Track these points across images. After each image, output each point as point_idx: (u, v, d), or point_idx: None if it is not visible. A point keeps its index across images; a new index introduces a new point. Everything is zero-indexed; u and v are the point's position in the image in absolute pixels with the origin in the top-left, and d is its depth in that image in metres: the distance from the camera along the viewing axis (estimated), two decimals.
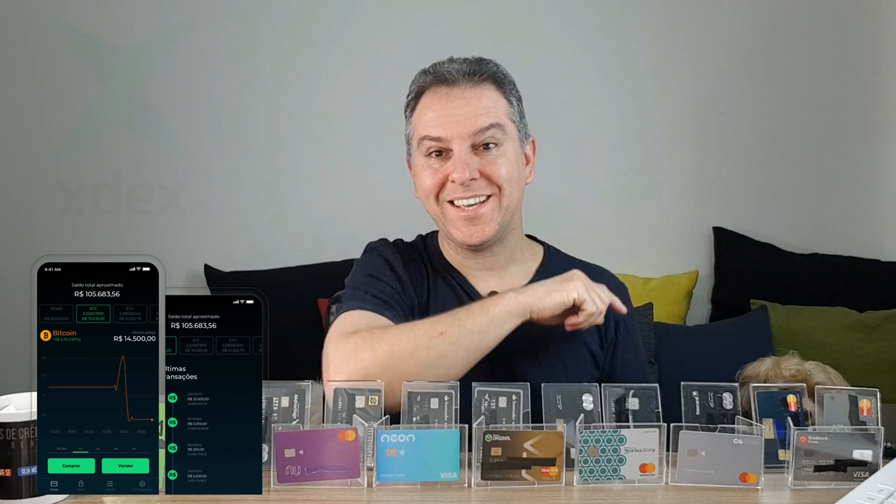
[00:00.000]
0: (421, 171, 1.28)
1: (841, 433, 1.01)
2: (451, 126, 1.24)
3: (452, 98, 1.25)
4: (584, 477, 1.00)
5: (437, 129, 1.24)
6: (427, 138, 1.25)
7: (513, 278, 1.33)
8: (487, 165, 1.25)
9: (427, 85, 1.28)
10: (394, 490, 0.98)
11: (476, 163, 1.24)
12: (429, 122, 1.25)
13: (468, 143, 1.24)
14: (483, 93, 1.26)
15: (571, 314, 1.19)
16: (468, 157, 1.24)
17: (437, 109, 1.25)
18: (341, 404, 1.05)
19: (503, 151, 1.26)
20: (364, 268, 1.32)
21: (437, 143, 1.25)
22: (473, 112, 1.24)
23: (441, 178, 1.26)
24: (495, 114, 1.25)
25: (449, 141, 1.24)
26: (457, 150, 1.24)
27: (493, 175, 1.25)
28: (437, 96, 1.26)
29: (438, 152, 1.26)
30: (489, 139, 1.25)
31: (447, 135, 1.24)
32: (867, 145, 2.92)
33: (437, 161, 1.26)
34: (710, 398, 1.07)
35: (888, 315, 2.60)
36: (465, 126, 1.23)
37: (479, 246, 1.28)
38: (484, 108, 1.25)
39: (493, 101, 1.26)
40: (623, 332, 1.35)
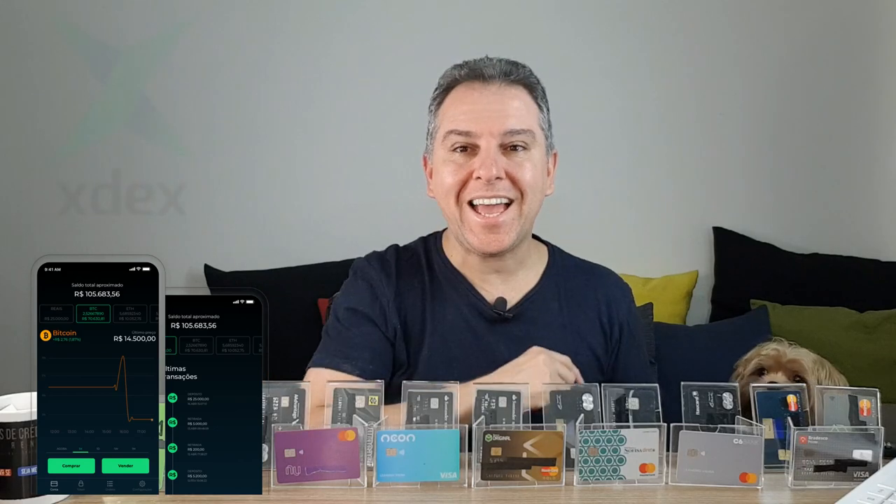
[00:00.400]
0: (442, 168, 1.26)
1: (841, 433, 1.01)
2: (482, 122, 1.22)
3: (486, 94, 1.23)
4: (584, 477, 1.00)
5: (468, 123, 1.22)
6: (455, 132, 1.23)
7: (520, 282, 1.33)
8: (514, 167, 1.23)
9: (460, 79, 1.26)
10: (394, 490, 0.98)
11: (503, 162, 1.22)
12: (458, 115, 1.23)
13: (497, 142, 1.22)
14: (517, 94, 1.25)
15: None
16: (496, 154, 1.22)
17: (469, 104, 1.23)
18: (341, 404, 1.05)
19: (530, 156, 1.24)
20: (345, 298, 1.32)
21: (465, 139, 1.23)
22: (506, 111, 1.23)
23: (464, 175, 1.23)
24: (527, 118, 1.24)
25: (478, 136, 1.22)
26: (484, 147, 1.22)
27: (519, 178, 1.23)
28: (470, 90, 1.24)
29: (464, 148, 1.24)
30: (518, 142, 1.23)
31: (477, 129, 1.22)
32: (867, 145, 2.92)
33: (462, 157, 1.24)
34: (710, 398, 1.07)
35: (888, 315, 2.60)
36: (496, 123, 1.21)
37: (495, 254, 1.27)
38: (516, 109, 1.24)
39: (526, 105, 1.25)
40: (627, 335, 1.35)
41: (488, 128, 1.21)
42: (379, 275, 1.31)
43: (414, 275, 1.32)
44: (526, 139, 1.23)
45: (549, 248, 1.39)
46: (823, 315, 2.63)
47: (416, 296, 1.30)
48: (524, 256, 1.33)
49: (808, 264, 2.82)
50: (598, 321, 1.33)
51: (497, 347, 1.27)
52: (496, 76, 1.24)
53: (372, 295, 1.29)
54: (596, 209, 2.89)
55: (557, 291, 1.33)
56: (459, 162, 1.24)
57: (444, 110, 1.26)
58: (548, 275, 1.34)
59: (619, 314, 1.35)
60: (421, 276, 1.32)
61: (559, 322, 1.31)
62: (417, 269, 1.33)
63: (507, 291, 1.31)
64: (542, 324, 1.30)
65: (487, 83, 1.24)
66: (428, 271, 1.33)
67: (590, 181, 2.88)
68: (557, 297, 1.33)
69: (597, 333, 1.33)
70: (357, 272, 1.33)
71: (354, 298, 1.30)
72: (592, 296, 1.34)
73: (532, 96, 1.26)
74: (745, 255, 2.86)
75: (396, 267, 1.32)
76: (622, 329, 1.34)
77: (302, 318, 2.50)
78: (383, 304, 1.29)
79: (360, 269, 1.33)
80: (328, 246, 2.76)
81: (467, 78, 1.25)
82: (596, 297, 1.35)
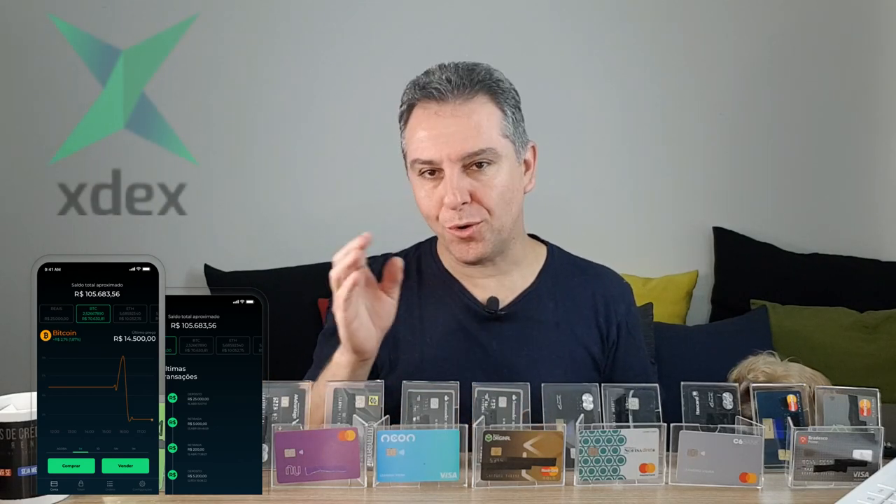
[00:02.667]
0: (417, 191, 1.26)
1: (841, 433, 1.01)
2: (440, 147, 1.19)
3: (442, 117, 1.20)
4: (584, 477, 1.00)
5: (427, 151, 1.20)
6: (418, 161, 1.22)
7: (516, 281, 1.33)
8: (479, 189, 1.21)
9: (416, 100, 1.23)
10: (394, 490, 0.98)
11: (468, 184, 1.20)
12: (419, 143, 1.22)
13: (459, 166, 1.20)
14: (474, 108, 1.20)
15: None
16: (459, 179, 1.20)
17: (426, 129, 1.21)
18: (341, 404, 1.05)
19: (498, 170, 1.22)
20: (328, 315, 1.31)
21: (429, 166, 1.22)
22: (464, 133, 1.19)
23: (437, 201, 1.23)
24: (488, 133, 1.20)
25: (440, 162, 1.20)
26: (448, 173, 1.20)
27: (484, 199, 1.21)
28: (426, 114, 1.21)
29: (431, 172, 1.23)
30: (482, 159, 1.21)
31: (437, 157, 1.20)
32: (867, 145, 2.92)
33: (431, 181, 1.23)
34: (710, 398, 1.08)
35: (888, 315, 2.60)
36: (454, 148, 1.19)
37: (475, 262, 1.28)
38: (475, 126, 1.20)
39: (486, 116, 1.21)
40: (625, 335, 1.35)
41: (447, 153, 1.19)
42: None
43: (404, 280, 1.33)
44: (489, 156, 1.21)
45: (549, 247, 1.39)
46: (823, 315, 2.63)
47: (407, 300, 1.30)
48: (518, 257, 1.33)
49: (808, 264, 2.81)
50: (595, 320, 1.33)
51: (489, 346, 1.27)
52: (448, 94, 1.20)
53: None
54: (596, 209, 2.89)
55: (554, 290, 1.33)
56: (429, 187, 1.24)
57: (408, 134, 1.25)
58: (544, 274, 1.34)
59: (617, 314, 1.35)
60: (411, 280, 1.33)
61: (553, 321, 1.31)
62: (408, 275, 1.33)
63: (502, 291, 1.31)
64: (537, 323, 1.30)
65: (442, 103, 1.20)
66: (419, 276, 1.34)
67: (590, 181, 2.88)
68: (553, 296, 1.33)
69: (593, 333, 1.32)
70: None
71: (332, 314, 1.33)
72: (589, 295, 1.34)
73: (494, 101, 1.22)
74: (745, 255, 2.86)
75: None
76: (620, 329, 1.34)
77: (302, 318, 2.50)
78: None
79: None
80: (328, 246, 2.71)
81: (423, 98, 1.22)
82: (593, 297, 1.34)
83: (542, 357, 1.27)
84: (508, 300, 1.31)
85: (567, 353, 1.29)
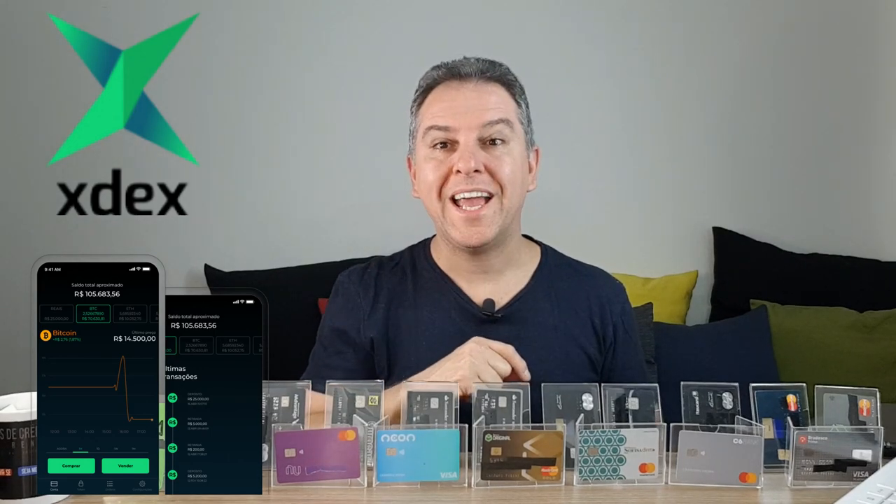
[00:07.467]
0: (424, 165, 1.28)
1: (841, 433, 1.01)
2: (459, 117, 1.24)
3: (464, 91, 1.26)
4: (584, 477, 1.00)
5: (446, 118, 1.25)
6: (434, 128, 1.26)
7: (509, 282, 1.33)
8: (493, 161, 1.25)
9: (439, 79, 1.29)
10: (394, 490, 0.98)
11: (482, 156, 1.24)
12: (437, 112, 1.26)
13: (475, 135, 1.24)
14: (494, 90, 1.27)
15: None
16: (474, 148, 1.24)
17: (447, 101, 1.26)
18: (341, 404, 1.05)
19: (509, 150, 1.26)
20: (329, 318, 1.35)
21: (444, 134, 1.25)
22: (483, 106, 1.25)
23: (445, 171, 1.25)
24: (505, 110, 1.27)
25: (456, 131, 1.24)
26: (463, 141, 1.24)
27: (497, 172, 1.25)
28: (447, 89, 1.27)
29: (444, 144, 1.26)
30: (496, 134, 1.25)
31: (455, 124, 1.24)
32: (867, 146, 2.92)
33: (442, 153, 1.26)
34: (709, 398, 1.07)
35: (888, 315, 2.60)
36: (473, 117, 1.24)
37: (477, 247, 1.28)
38: (494, 103, 1.26)
39: (504, 100, 1.28)
40: (622, 335, 1.35)
41: (466, 122, 1.24)
42: (356, 288, 1.34)
43: (398, 283, 1.34)
44: (504, 131, 1.26)
45: (543, 248, 1.40)
46: (823, 315, 2.63)
47: (401, 304, 1.32)
48: (513, 256, 1.33)
49: (808, 264, 2.81)
50: (591, 322, 1.34)
51: None
52: (473, 74, 1.27)
53: (347, 309, 1.33)
54: (596, 209, 2.89)
55: (549, 292, 1.34)
56: (440, 158, 1.26)
57: (423, 109, 1.29)
58: (539, 275, 1.35)
59: (612, 314, 1.35)
60: (405, 283, 1.34)
61: (550, 323, 1.31)
62: (402, 278, 1.34)
63: (497, 292, 1.31)
64: (533, 324, 1.30)
65: (464, 81, 1.27)
66: (413, 278, 1.35)
67: (590, 181, 2.88)
68: (549, 298, 1.33)
69: (589, 334, 1.33)
70: (336, 288, 1.38)
71: (329, 316, 1.35)
72: (584, 297, 1.35)
73: (510, 93, 1.29)
74: (745, 255, 2.86)
75: (377, 278, 1.35)
76: (617, 329, 1.35)
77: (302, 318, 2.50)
78: (358, 317, 1.32)
79: (339, 285, 1.37)
80: (328, 246, 2.76)
81: (445, 77, 1.28)
82: (588, 299, 1.35)
83: (539, 358, 1.27)
84: (504, 301, 1.31)
85: (564, 353, 1.29)
